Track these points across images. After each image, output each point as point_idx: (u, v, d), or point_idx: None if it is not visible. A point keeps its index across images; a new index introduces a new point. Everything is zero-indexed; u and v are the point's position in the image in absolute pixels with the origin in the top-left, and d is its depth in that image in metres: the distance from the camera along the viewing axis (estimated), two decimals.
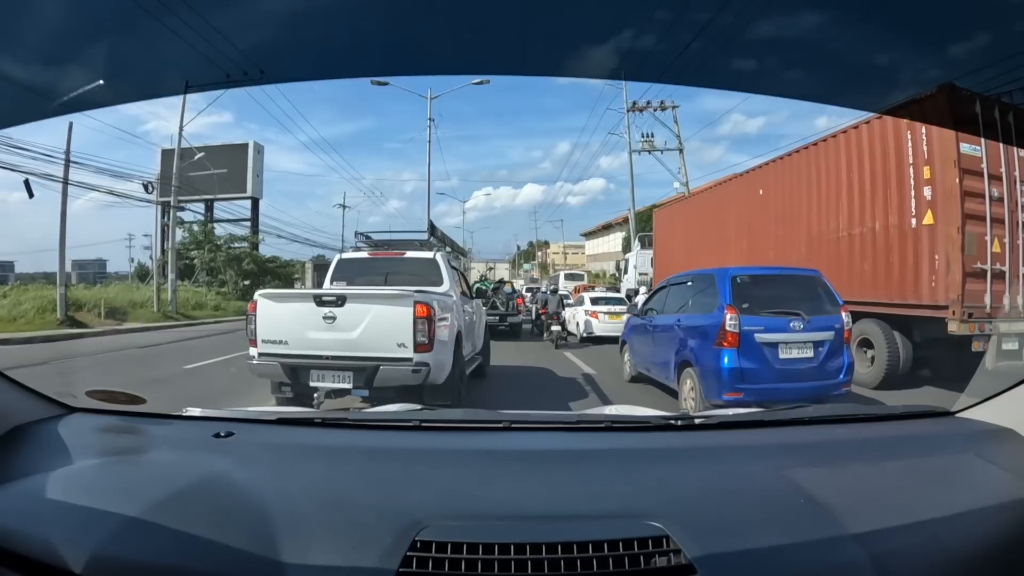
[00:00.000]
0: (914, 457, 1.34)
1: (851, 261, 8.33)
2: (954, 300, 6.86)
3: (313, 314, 5.10)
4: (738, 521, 1.05)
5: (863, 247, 8.17)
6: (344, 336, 5.04)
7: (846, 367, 5.53)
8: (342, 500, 1.10)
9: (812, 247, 9.15)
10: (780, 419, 1.60)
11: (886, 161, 7.79)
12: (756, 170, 11.20)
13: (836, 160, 8.76)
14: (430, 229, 8.01)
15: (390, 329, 5.03)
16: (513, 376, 8.82)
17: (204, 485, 1.14)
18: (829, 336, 5.45)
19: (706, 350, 5.46)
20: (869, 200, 8.08)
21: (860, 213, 8.24)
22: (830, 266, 8.69)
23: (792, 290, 5.81)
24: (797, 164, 9.77)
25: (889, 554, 0.99)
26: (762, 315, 5.35)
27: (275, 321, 5.18)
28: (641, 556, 0.95)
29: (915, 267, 7.34)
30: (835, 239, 8.70)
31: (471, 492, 1.15)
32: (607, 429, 1.51)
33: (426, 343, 5.03)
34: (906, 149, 7.50)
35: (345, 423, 1.54)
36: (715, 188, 13.50)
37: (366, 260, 7.25)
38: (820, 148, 9.21)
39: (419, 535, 0.95)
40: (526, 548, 0.94)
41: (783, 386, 5.24)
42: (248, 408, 1.91)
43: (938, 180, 7.11)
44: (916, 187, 7.35)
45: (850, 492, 1.17)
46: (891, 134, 7.75)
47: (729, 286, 5.45)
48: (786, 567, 0.96)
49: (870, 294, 7.91)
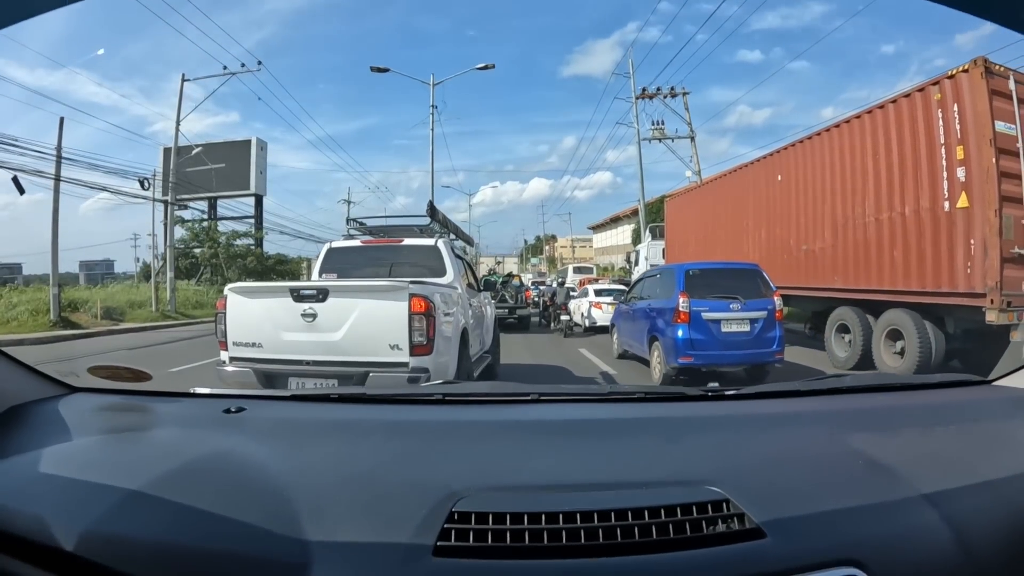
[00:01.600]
0: (961, 422, 1.30)
1: (879, 248, 7.99)
2: (992, 287, 6.48)
3: (290, 311, 4.37)
4: (800, 486, 1.00)
5: (892, 233, 7.82)
6: (326, 337, 4.34)
7: (778, 339, 6.99)
8: (367, 474, 1.02)
9: (837, 234, 8.82)
10: (817, 388, 1.55)
11: (915, 141, 7.42)
12: (774, 155, 10.81)
13: (862, 142, 8.38)
14: (430, 211, 7.02)
15: (381, 328, 4.31)
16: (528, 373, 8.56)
17: (214, 460, 1.07)
18: (763, 315, 6.95)
19: (667, 326, 7.11)
20: (898, 183, 7.71)
21: (888, 197, 7.88)
22: (857, 253, 8.38)
23: (734, 280, 7.25)
24: (819, 147, 9.38)
25: (962, 514, 0.95)
26: (708, 299, 6.91)
27: (247, 320, 4.48)
28: (703, 521, 0.89)
29: (949, 253, 6.97)
30: (862, 225, 8.35)
31: (507, 463, 1.09)
32: (642, 400, 1.46)
33: (424, 344, 4.31)
34: (937, 128, 7.14)
35: (363, 397, 1.50)
36: (730, 175, 13.08)
37: (359, 249, 6.43)
38: (844, 129, 8.83)
39: (456, 506, 0.89)
40: (576, 517, 0.87)
41: (725, 353, 6.93)
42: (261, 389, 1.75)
43: (973, 160, 6.73)
44: (948, 168, 6.99)
45: (909, 455, 1.11)
46: (920, 113, 7.39)
47: (683, 277, 7.07)
48: (859, 530, 0.91)
49: (900, 282, 7.58)
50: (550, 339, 13.21)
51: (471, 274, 7.29)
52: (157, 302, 20.67)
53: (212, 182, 28.23)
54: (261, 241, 31.90)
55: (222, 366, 4.51)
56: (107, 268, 43.67)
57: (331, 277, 5.96)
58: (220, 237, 30.34)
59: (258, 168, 31.99)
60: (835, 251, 8.89)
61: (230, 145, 31.75)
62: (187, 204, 29.37)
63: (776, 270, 10.45)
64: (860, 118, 8.45)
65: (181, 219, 29.09)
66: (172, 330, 16.81)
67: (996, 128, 6.72)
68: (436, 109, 24.47)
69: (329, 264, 6.27)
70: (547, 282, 24.72)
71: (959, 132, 6.89)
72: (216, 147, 30.13)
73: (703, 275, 7.20)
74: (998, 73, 6.99)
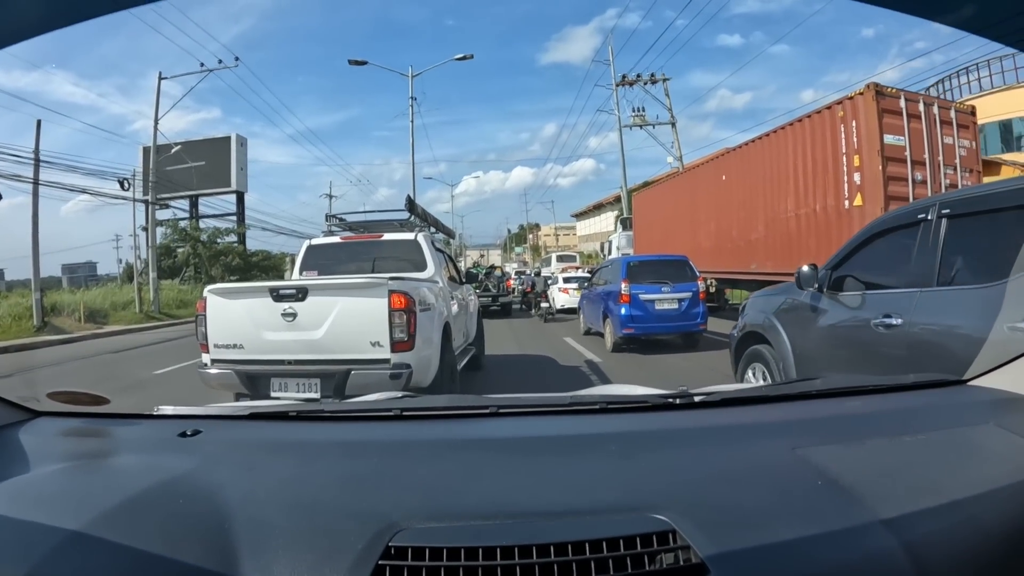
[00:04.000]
0: (933, 429, 1.26)
1: (799, 238, 9.65)
2: None
3: (270, 311, 4.37)
4: (752, 510, 0.97)
5: (808, 226, 9.47)
6: (307, 336, 4.35)
7: (701, 314, 9.00)
8: (312, 502, 1.00)
9: (768, 226, 10.45)
10: (786, 393, 1.51)
11: (824, 151, 9.08)
12: (719, 158, 12.52)
13: (785, 150, 10.05)
14: (409, 206, 7.01)
15: (361, 325, 4.33)
16: (511, 354, 10.00)
17: (160, 491, 1.04)
18: (689, 295, 8.95)
19: (615, 305, 9.18)
20: (812, 185, 9.38)
21: (805, 196, 9.54)
22: (786, 243, 9.99)
23: (666, 268, 9.31)
24: (755, 152, 11.05)
25: (923, 539, 0.91)
26: (644, 283, 8.98)
27: (228, 321, 4.47)
28: (645, 556, 0.87)
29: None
30: (785, 219, 10.01)
31: (453, 487, 1.06)
32: (602, 411, 1.40)
33: (406, 340, 4.32)
34: (840, 140, 8.79)
35: (321, 415, 1.44)
36: (686, 174, 14.85)
37: (339, 246, 6.39)
38: (772, 139, 10.48)
39: (393, 540, 0.87)
40: (514, 551, 0.86)
41: (659, 324, 9.00)
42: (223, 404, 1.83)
43: (866, 167, 8.41)
44: (848, 173, 8.66)
45: (872, 470, 1.08)
46: (829, 127, 9.03)
47: (625, 267, 9.24)
48: (810, 562, 0.88)
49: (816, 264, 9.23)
50: (530, 323, 14.91)
51: (452, 267, 7.30)
52: (141, 303, 20.54)
53: (193, 180, 28.37)
54: (244, 237, 31.87)
55: (204, 369, 4.53)
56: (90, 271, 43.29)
57: (312, 275, 6.01)
58: (201, 235, 30.12)
59: (239, 164, 32.02)
60: (767, 241, 10.51)
61: (210, 142, 31.80)
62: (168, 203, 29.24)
63: (723, 258, 12.18)
64: (784, 129, 10.10)
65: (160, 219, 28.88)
66: (157, 331, 16.92)
67: (885, 140, 8.39)
68: (415, 100, 24.89)
69: (309, 262, 6.25)
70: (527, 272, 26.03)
71: (856, 143, 8.55)
72: (196, 145, 30.23)
73: (641, 265, 9.50)
74: (890, 94, 8.65)
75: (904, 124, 8.59)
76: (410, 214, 6.98)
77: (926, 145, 8.71)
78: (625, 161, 27.83)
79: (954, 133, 9.00)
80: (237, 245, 31.27)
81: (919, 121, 8.73)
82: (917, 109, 8.76)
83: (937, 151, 8.80)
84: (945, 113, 9.04)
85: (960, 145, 9.04)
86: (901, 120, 8.58)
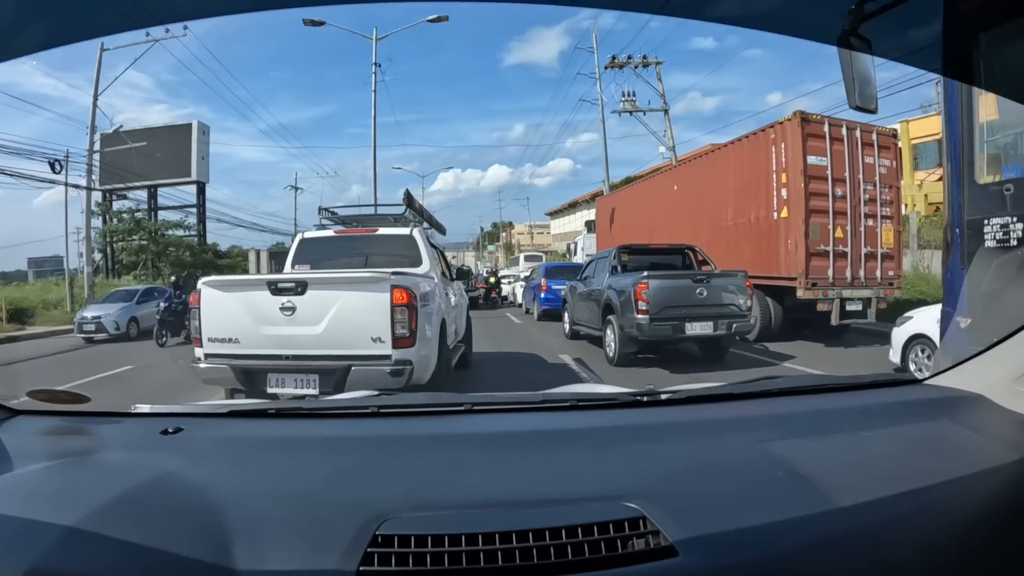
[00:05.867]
0: (890, 425, 1.32)
1: (738, 244, 10.85)
2: (800, 273, 9.43)
3: (268, 305, 4.31)
4: (718, 498, 1.02)
5: (746, 234, 10.70)
6: (306, 331, 4.29)
7: None
8: (300, 495, 1.02)
9: (712, 233, 11.61)
10: (750, 391, 1.56)
11: (758, 168, 10.29)
12: (672, 169, 13.79)
13: (727, 165, 11.27)
14: (406, 200, 6.95)
15: (363, 320, 4.29)
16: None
17: (150, 487, 1.04)
18: None
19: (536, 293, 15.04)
20: (749, 197, 10.59)
21: (744, 207, 10.76)
22: (726, 248, 11.13)
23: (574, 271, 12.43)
24: (701, 166, 12.32)
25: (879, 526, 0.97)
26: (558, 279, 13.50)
27: (223, 314, 4.40)
28: (618, 540, 0.91)
29: (776, 249, 9.90)
30: (726, 227, 11.24)
31: (436, 480, 1.08)
32: (573, 408, 1.45)
33: (407, 336, 4.30)
34: (771, 159, 10.00)
35: (300, 412, 1.46)
36: (642, 183, 16.27)
37: (332, 239, 6.39)
38: (716, 155, 11.74)
39: (380, 529, 0.90)
40: (495, 537, 0.89)
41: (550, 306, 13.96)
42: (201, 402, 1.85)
43: (791, 184, 9.62)
44: (777, 189, 9.88)
45: (832, 463, 1.14)
46: (762, 147, 10.24)
47: (544, 270, 15.27)
48: (773, 545, 0.93)
49: (751, 269, 10.22)
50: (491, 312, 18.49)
51: (444, 263, 7.31)
52: (72, 301, 18.93)
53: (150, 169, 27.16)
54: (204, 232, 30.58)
55: (197, 363, 4.47)
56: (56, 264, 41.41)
57: (304, 269, 5.94)
58: (151, 226, 28.46)
59: (200, 154, 30.38)
60: (712, 246, 11.63)
61: (170, 130, 30.34)
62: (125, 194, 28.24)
63: None
64: (727, 147, 11.34)
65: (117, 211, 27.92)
66: None
67: (809, 161, 9.56)
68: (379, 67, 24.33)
69: (302, 255, 6.20)
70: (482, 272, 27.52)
71: (784, 163, 9.76)
72: (155, 132, 29.01)
73: (556, 269, 15.16)
74: (814, 121, 9.87)
75: (827, 147, 9.75)
76: (406, 208, 6.92)
77: (847, 165, 9.88)
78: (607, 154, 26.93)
79: (875, 154, 10.07)
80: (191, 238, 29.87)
81: (841, 144, 9.91)
82: (840, 133, 9.94)
83: (858, 170, 9.91)
84: (867, 136, 10.09)
85: (881, 164, 10.12)
86: (824, 143, 9.76)
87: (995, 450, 1.21)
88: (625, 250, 9.38)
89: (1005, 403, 1.36)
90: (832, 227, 9.67)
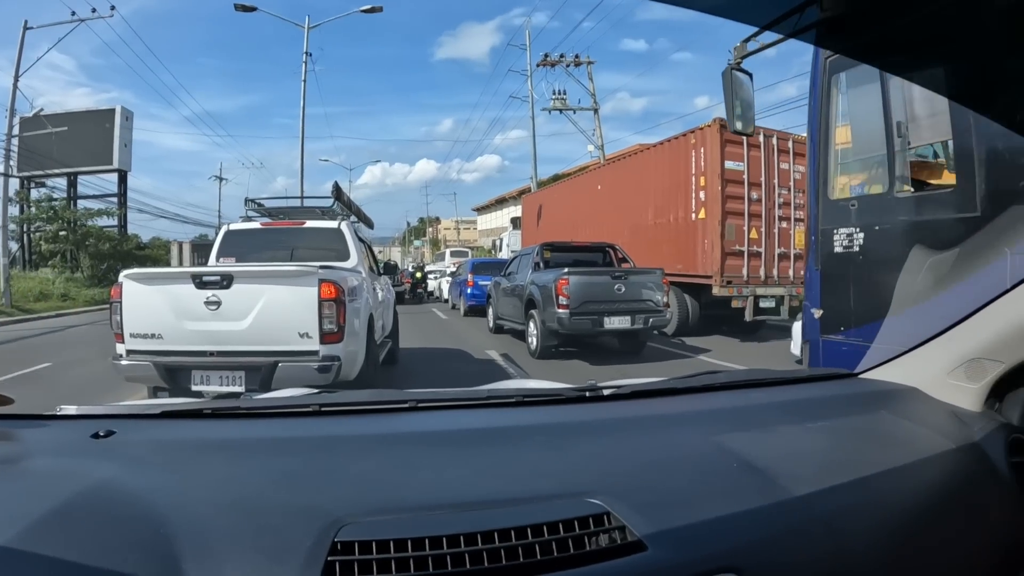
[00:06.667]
0: (832, 417, 1.36)
1: (658, 243, 11.26)
2: (716, 271, 9.89)
3: (192, 299, 4.17)
4: (679, 492, 1.02)
5: (666, 233, 11.12)
6: (232, 326, 4.18)
7: None
8: (248, 502, 0.95)
9: (634, 233, 12.01)
10: (693, 386, 1.56)
11: (678, 171, 10.72)
12: (596, 170, 14.18)
13: (648, 167, 11.69)
14: (335, 193, 6.86)
15: (290, 315, 4.20)
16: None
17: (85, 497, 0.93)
18: None
19: (463, 288, 15.21)
20: (669, 199, 11.02)
21: (663, 208, 11.19)
22: (647, 247, 11.55)
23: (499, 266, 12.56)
24: (624, 168, 12.75)
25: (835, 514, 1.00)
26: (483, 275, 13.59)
27: (146, 309, 4.22)
28: (585, 537, 0.90)
29: (694, 248, 10.34)
30: (648, 227, 11.66)
31: (388, 481, 1.03)
32: (519, 404, 1.44)
33: (335, 331, 4.24)
34: (691, 163, 10.44)
35: (239, 412, 1.37)
36: (567, 181, 16.61)
37: (258, 232, 6.22)
38: (639, 157, 12.16)
39: (339, 535, 0.85)
40: (460, 539, 0.86)
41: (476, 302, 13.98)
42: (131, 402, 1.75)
43: (708, 187, 10.08)
44: (696, 191, 10.33)
45: (782, 454, 1.16)
46: (683, 151, 10.67)
47: (471, 265, 15.19)
48: (738, 536, 0.94)
49: (670, 267, 10.68)
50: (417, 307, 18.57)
51: (372, 257, 7.24)
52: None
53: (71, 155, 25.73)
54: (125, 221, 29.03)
55: (118, 360, 4.32)
56: None
57: (229, 261, 5.80)
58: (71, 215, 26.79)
59: (123, 141, 28.75)
60: (632, 245, 12.05)
61: (92, 115, 28.53)
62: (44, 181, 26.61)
63: None
64: (650, 150, 11.77)
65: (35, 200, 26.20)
66: None
67: (726, 165, 10.03)
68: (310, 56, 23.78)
69: (227, 248, 6.03)
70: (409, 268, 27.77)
71: (703, 167, 10.20)
72: (77, 116, 27.29)
73: (483, 265, 15.14)
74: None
75: (744, 152, 10.26)
76: (335, 201, 6.85)
77: (763, 170, 10.41)
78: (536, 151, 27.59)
79: (790, 160, 10.63)
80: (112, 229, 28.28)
81: (759, 150, 10.44)
82: (757, 140, 10.46)
83: (773, 175, 10.47)
84: (784, 143, 10.64)
85: (795, 170, 10.65)
86: (742, 149, 10.27)
87: (934, 440, 1.26)
88: (548, 247, 9.63)
89: (939, 395, 1.41)
90: (747, 228, 10.18)
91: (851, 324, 3.81)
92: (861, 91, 3.94)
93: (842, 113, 4.09)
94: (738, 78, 4.06)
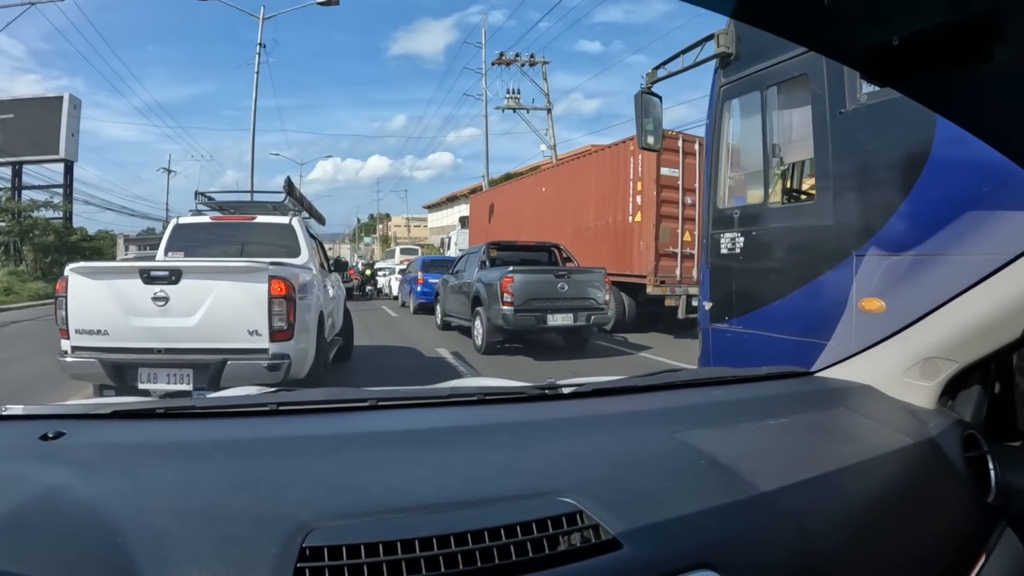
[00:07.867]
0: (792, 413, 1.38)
1: (597, 244, 11.90)
2: (650, 272, 10.57)
3: (140, 294, 4.09)
4: (649, 490, 1.01)
5: (604, 235, 11.76)
6: (180, 323, 4.10)
7: None
8: (210, 507, 0.90)
9: (575, 234, 12.62)
10: (653, 384, 1.56)
11: (617, 176, 11.38)
12: (541, 172, 14.84)
13: (589, 171, 12.35)
14: (287, 187, 6.82)
15: (239, 312, 4.14)
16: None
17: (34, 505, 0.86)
18: None
19: (414, 285, 15.27)
20: (608, 202, 11.68)
21: (603, 211, 11.85)
22: (588, 247, 12.13)
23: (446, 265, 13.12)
24: (567, 171, 13.42)
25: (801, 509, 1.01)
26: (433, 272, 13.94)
27: (92, 304, 4.14)
28: (559, 536, 0.88)
29: (631, 249, 11.02)
30: (588, 228, 12.31)
31: (355, 483, 1.00)
32: (481, 402, 1.40)
33: (285, 329, 4.20)
34: (629, 168, 11.10)
35: (193, 412, 1.29)
36: (514, 182, 17.36)
37: (208, 226, 6.09)
38: (582, 162, 12.86)
39: (307, 541, 0.81)
40: (432, 542, 0.83)
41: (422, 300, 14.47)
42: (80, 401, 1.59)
43: (645, 192, 10.75)
44: (633, 195, 11.00)
45: (747, 451, 1.16)
46: (622, 157, 11.32)
47: (421, 263, 15.71)
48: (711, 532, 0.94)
49: (608, 267, 11.01)
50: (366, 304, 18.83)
51: (323, 254, 7.12)
52: None
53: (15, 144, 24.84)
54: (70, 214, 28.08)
55: (63, 356, 4.21)
56: None
57: (178, 256, 5.70)
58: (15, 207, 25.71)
59: (70, 130, 27.57)
60: (574, 245, 12.56)
61: (39, 103, 27.34)
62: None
63: None
64: (592, 155, 12.48)
65: None
66: None
67: (662, 172, 10.66)
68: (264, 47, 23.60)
69: (176, 242, 5.91)
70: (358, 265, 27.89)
71: (640, 172, 10.87)
72: (23, 104, 26.40)
73: (433, 263, 15.19)
74: (669, 136, 11.04)
75: (680, 160, 10.93)
76: (287, 196, 6.79)
77: (697, 176, 11.07)
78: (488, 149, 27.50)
79: None
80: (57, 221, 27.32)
81: (693, 157, 11.09)
82: (692, 148, 11.05)
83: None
84: None
85: None
86: (678, 157, 10.91)
87: (892, 436, 1.29)
88: (494, 246, 10.15)
89: (893, 393, 1.46)
90: (681, 231, 10.86)
91: (733, 314, 4.45)
92: (746, 116, 4.57)
93: (732, 133, 4.72)
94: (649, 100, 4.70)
